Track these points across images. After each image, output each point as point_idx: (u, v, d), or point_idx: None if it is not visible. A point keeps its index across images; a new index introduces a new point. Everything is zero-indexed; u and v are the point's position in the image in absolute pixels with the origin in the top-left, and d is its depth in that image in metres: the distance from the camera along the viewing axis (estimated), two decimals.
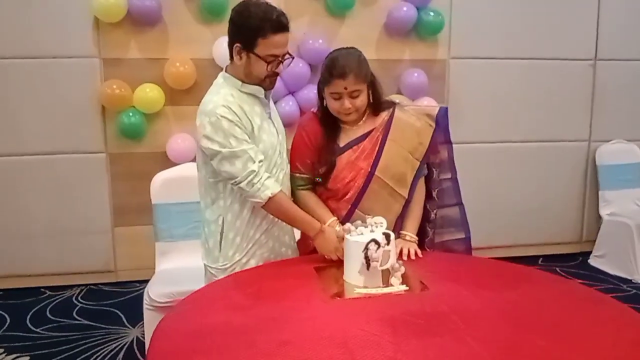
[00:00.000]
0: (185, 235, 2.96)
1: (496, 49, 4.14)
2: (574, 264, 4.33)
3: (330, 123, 2.01)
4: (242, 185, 1.84)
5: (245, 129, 1.84)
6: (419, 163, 2.02)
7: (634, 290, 3.76)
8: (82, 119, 3.66)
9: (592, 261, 4.29)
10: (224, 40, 3.52)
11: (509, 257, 4.29)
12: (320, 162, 1.98)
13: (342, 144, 2.00)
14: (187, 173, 3.00)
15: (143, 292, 2.71)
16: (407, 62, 4.00)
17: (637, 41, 4.34)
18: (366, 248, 1.67)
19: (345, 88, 1.90)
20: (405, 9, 3.82)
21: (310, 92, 3.73)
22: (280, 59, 1.86)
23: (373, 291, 1.66)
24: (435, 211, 2.10)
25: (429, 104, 3.91)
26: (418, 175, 2.03)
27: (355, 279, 1.71)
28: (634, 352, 1.30)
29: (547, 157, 4.36)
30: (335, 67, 1.90)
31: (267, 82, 1.91)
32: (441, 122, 2.05)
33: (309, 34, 3.73)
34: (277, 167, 1.96)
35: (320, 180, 1.99)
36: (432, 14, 3.88)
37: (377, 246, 1.67)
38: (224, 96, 1.86)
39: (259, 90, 1.91)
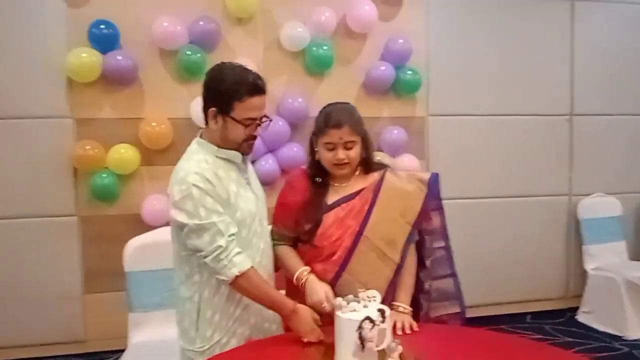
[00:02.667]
0: (160, 304, 2.77)
1: (474, 106, 4.17)
2: (562, 320, 4.24)
3: (319, 179, 1.95)
4: (207, 260, 1.72)
5: (218, 198, 1.74)
6: (410, 227, 1.94)
7: (626, 349, 3.67)
8: (53, 181, 3.51)
9: (580, 317, 4.20)
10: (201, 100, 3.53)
11: (498, 315, 4.19)
12: (306, 219, 1.91)
13: (330, 201, 1.93)
14: (162, 238, 2.80)
15: None
16: (387, 120, 3.99)
17: (611, 96, 4.42)
18: (360, 327, 1.54)
19: (341, 138, 1.87)
20: (383, 67, 3.83)
21: (290, 151, 3.67)
22: (257, 121, 1.79)
23: None
24: (429, 283, 1.99)
25: (410, 161, 3.88)
26: (410, 240, 1.95)
27: None
28: None
29: (529, 212, 4.33)
30: (331, 118, 1.88)
31: (245, 147, 1.83)
32: (433, 187, 1.98)
33: (288, 93, 3.69)
34: (256, 236, 1.85)
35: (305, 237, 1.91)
36: (409, 72, 3.90)
37: (371, 324, 1.54)
38: (197, 163, 1.77)
39: (235, 155, 1.82)
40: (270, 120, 1.85)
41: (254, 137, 1.83)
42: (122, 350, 2.64)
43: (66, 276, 3.57)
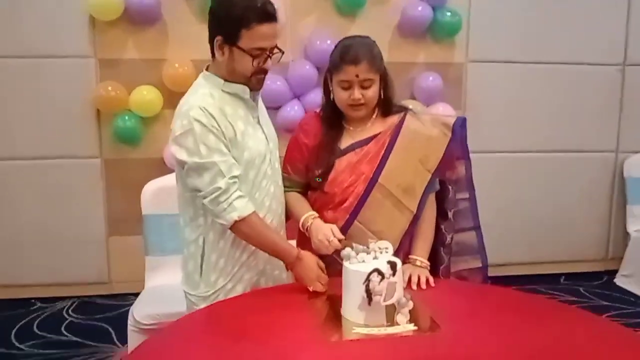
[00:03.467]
0: (177, 249, 2.66)
1: (517, 52, 3.86)
2: (598, 283, 4.03)
3: (333, 122, 1.82)
4: (206, 202, 1.62)
5: (222, 136, 1.62)
6: (430, 175, 1.79)
7: None
8: (76, 122, 3.46)
9: (619, 281, 3.98)
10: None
11: (529, 275, 4.02)
12: (317, 163, 1.78)
13: (343, 146, 1.80)
14: None
15: None
16: (422, 65, 3.75)
17: None
18: (367, 280, 1.42)
19: (357, 76, 1.71)
20: (420, 8, 3.57)
21: (317, 96, 3.49)
22: (268, 53, 1.64)
23: (375, 331, 1.42)
24: (451, 235, 1.85)
25: (445, 110, 3.66)
26: (429, 189, 1.80)
27: (355, 315, 1.47)
28: None
29: (571, 169, 4.07)
30: (347, 53, 1.72)
31: (254, 81, 1.68)
32: (458, 133, 1.81)
33: (316, 34, 3.50)
34: (267, 178, 1.73)
35: (319, 180, 1.78)
36: (449, 14, 3.62)
37: (380, 277, 1.42)
38: (202, 97, 1.64)
39: (243, 90, 1.68)
40: (282, 53, 1.69)
41: (265, 71, 1.68)
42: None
43: (91, 218, 3.57)
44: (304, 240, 1.84)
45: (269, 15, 1.60)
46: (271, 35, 1.62)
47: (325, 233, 1.68)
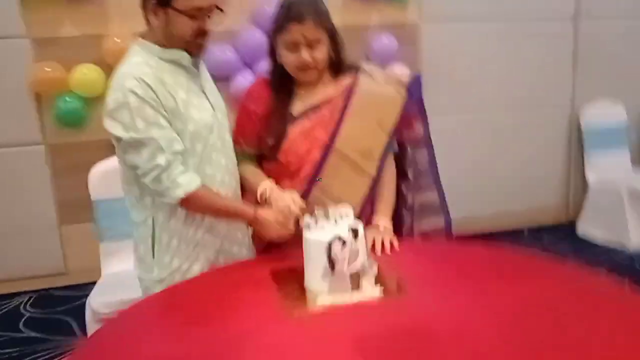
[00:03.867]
0: (132, 233, 2.60)
1: (472, 9, 3.81)
2: (561, 233, 4.10)
3: (283, 87, 1.71)
4: (146, 180, 1.51)
5: (161, 109, 1.49)
6: (387, 136, 1.71)
7: (627, 259, 3.54)
8: (14, 108, 3.24)
9: (581, 229, 4.06)
10: None
11: (494, 232, 4.04)
12: (269, 132, 1.68)
13: (295, 112, 1.70)
14: None
15: None
16: (376, 27, 3.65)
17: None
18: (329, 248, 1.35)
19: (304, 35, 1.60)
20: None
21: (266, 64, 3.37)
22: (206, 12, 1.51)
23: (340, 300, 1.35)
24: (412, 195, 1.79)
25: (401, 71, 3.59)
26: (387, 150, 1.73)
27: (319, 285, 1.39)
28: None
29: (529, 123, 4.09)
30: (291, 10, 1.61)
31: (194, 46, 1.55)
32: (414, 91, 1.73)
33: None
34: (217, 151, 1.62)
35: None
36: None
37: (342, 244, 1.35)
38: (136, 66, 1.51)
39: (182, 57, 1.56)
40: (223, 11, 1.56)
41: (205, 33, 1.55)
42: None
43: (40, 208, 3.39)
44: None
45: None
46: None
47: (285, 202, 1.58)
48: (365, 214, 1.70)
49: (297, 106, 1.70)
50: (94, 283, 3.35)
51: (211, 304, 1.40)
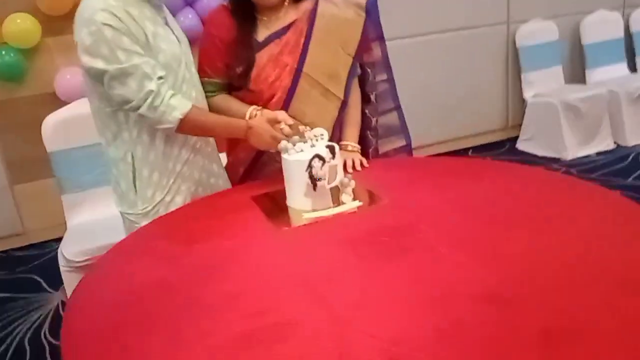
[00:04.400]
0: (94, 182, 2.58)
1: None
2: (503, 150, 4.35)
3: (245, 14, 1.71)
4: (141, 111, 1.51)
5: (135, 39, 1.49)
6: (351, 59, 1.76)
7: (564, 168, 3.82)
8: None
9: (520, 145, 4.31)
10: None
11: (439, 154, 4.23)
12: (236, 60, 1.69)
13: (260, 38, 1.71)
14: (82, 110, 2.53)
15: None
16: None
17: None
18: (309, 166, 1.43)
19: None
20: None
21: (211, 1, 3.31)
22: None
23: (324, 213, 1.44)
24: (376, 118, 1.87)
25: None
26: (353, 73, 1.79)
27: (302, 203, 1.48)
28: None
29: (468, 45, 4.21)
30: None
31: None
32: (372, 12, 1.78)
33: None
34: (186, 83, 1.63)
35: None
36: None
37: (321, 162, 1.43)
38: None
39: None
40: None
41: None
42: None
43: None
44: (231, 147, 1.81)
45: None
46: None
47: (282, 117, 1.60)
48: (336, 137, 1.77)
49: (262, 32, 1.71)
50: (54, 240, 3.35)
51: (198, 229, 1.46)
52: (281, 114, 1.61)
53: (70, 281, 2.28)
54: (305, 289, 1.09)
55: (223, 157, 1.88)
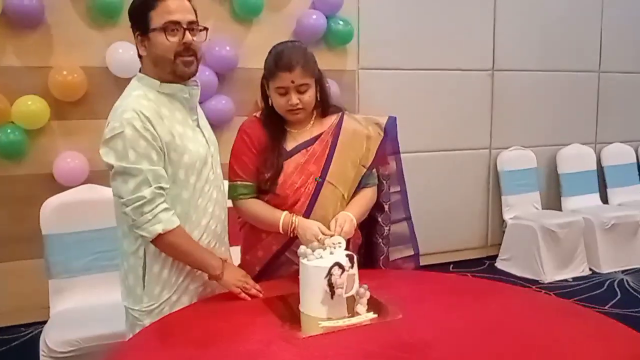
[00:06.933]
0: (84, 269, 2.55)
1: (402, 60, 4.16)
2: (482, 268, 4.44)
3: (275, 126, 1.83)
4: (127, 210, 1.55)
5: (156, 142, 1.56)
6: (365, 169, 1.88)
7: (543, 291, 3.90)
8: None
9: (499, 264, 4.42)
10: (119, 46, 3.22)
11: (423, 265, 4.28)
12: (265, 166, 1.78)
13: (289, 148, 1.82)
14: (83, 196, 2.62)
15: (29, 338, 2.26)
16: None
17: (531, 52, 4.58)
18: (329, 274, 1.46)
19: (293, 82, 1.74)
20: (314, 16, 3.69)
21: (218, 103, 3.47)
22: (184, 26, 1.59)
23: (340, 323, 1.45)
24: (388, 226, 1.96)
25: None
26: (363, 183, 1.89)
27: (317, 310, 1.49)
28: None
29: (453, 166, 4.45)
30: (281, 59, 1.73)
31: (181, 64, 1.60)
32: (390, 131, 1.93)
33: (214, 40, 3.46)
34: (209, 184, 1.69)
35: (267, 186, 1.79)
36: (341, 22, 3.79)
37: (341, 271, 1.47)
38: (136, 99, 1.58)
39: (180, 89, 1.64)
40: (206, 29, 1.64)
41: (188, 49, 1.60)
42: (40, 322, 2.40)
43: None
44: (250, 244, 1.84)
45: None
46: (181, 8, 1.59)
47: (314, 232, 1.68)
48: (347, 245, 1.82)
49: (290, 142, 1.83)
50: (29, 324, 3.21)
51: (210, 329, 1.45)
52: (320, 230, 1.68)
53: None
54: None
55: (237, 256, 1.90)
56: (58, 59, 3.22)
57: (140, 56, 1.65)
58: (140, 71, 1.67)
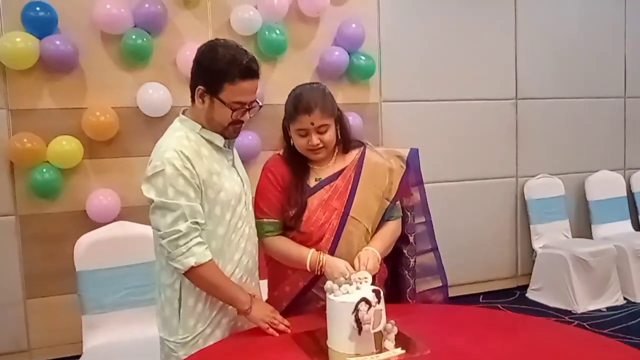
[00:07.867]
0: (117, 304, 2.60)
1: (425, 91, 4.21)
2: (512, 298, 4.36)
3: (298, 163, 1.87)
4: (164, 242, 1.62)
5: (194, 180, 1.63)
6: (388, 202, 1.90)
7: (576, 321, 3.81)
8: None
9: (530, 295, 4.34)
10: (149, 87, 3.35)
11: (451, 298, 4.23)
12: (290, 204, 1.82)
13: (312, 184, 1.85)
14: (115, 234, 2.68)
15: None
16: (341, 106, 3.85)
17: (554, 80, 4.58)
18: (356, 309, 1.48)
19: (312, 123, 1.77)
20: (337, 53, 3.78)
21: (244, 139, 3.55)
22: (247, 106, 1.68)
23: (368, 359, 1.46)
24: (414, 258, 1.96)
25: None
26: (387, 215, 1.90)
27: (344, 346, 1.50)
28: None
29: (479, 195, 4.43)
30: (300, 102, 1.78)
31: (230, 130, 1.72)
32: (412, 163, 1.96)
33: None
34: (242, 220, 1.75)
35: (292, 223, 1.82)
36: (363, 58, 3.87)
37: (368, 306, 1.48)
38: (178, 139, 1.66)
39: (218, 139, 1.71)
40: (261, 106, 1.74)
41: (241, 122, 1.72)
42: (74, 357, 2.45)
43: (5, 281, 3.29)
44: (277, 280, 1.86)
45: (253, 73, 1.65)
46: (252, 91, 1.67)
47: (342, 271, 1.69)
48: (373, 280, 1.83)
49: (313, 179, 1.86)
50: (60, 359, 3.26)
51: None
52: (347, 268, 1.70)
53: None
54: None
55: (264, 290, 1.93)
56: (91, 100, 3.35)
57: (193, 100, 1.71)
58: (183, 113, 1.74)
